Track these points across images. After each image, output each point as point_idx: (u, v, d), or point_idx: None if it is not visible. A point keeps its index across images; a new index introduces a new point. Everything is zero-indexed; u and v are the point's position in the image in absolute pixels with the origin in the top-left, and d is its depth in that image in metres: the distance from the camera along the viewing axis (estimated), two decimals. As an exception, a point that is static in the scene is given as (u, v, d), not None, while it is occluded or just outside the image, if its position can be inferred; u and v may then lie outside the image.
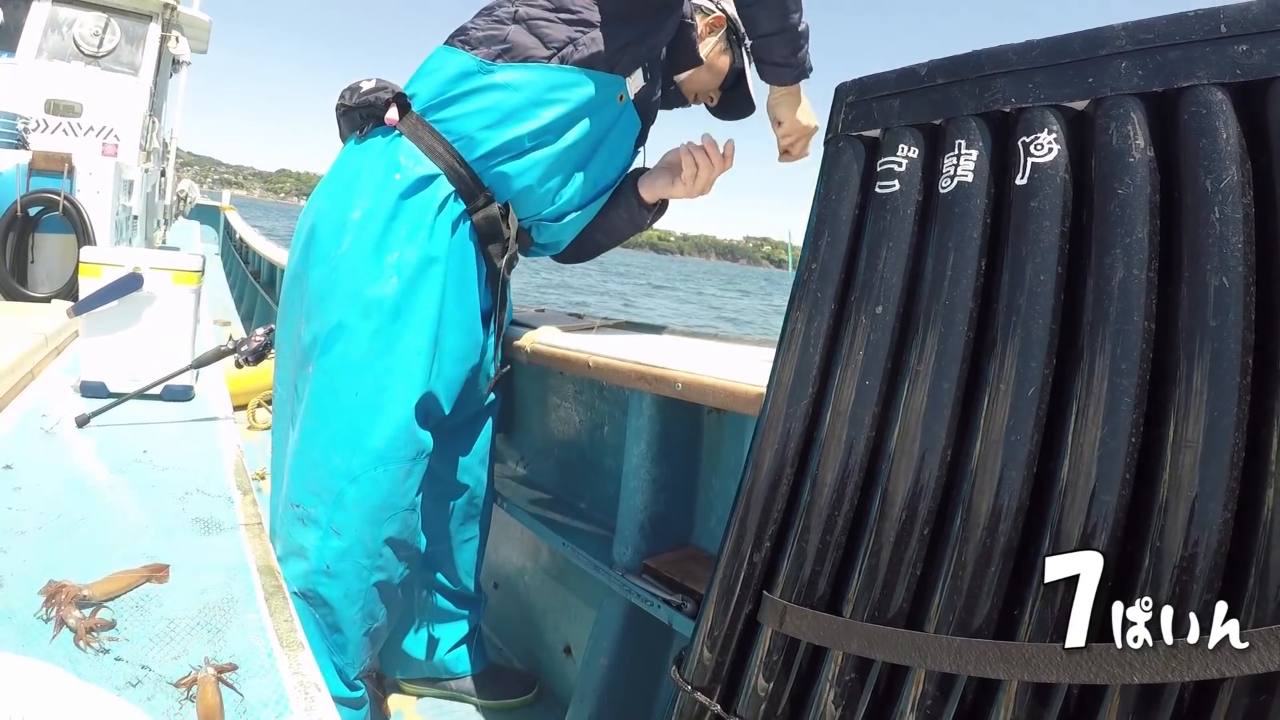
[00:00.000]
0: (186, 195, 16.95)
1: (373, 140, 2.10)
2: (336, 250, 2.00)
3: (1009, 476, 1.04)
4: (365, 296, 1.97)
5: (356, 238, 1.99)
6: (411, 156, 2.04)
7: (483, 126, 2.04)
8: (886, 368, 1.21)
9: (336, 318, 1.98)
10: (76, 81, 7.34)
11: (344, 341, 1.98)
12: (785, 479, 1.29)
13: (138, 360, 2.29)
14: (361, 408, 1.98)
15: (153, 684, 1.00)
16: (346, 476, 1.97)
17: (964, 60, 1.20)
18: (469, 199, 2.08)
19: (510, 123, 2.04)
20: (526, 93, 2.03)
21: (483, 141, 2.05)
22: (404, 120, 2.08)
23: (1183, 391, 0.93)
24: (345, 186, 2.08)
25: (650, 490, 2.21)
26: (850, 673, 1.17)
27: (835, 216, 1.31)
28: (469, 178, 2.07)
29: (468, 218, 2.10)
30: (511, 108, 2.04)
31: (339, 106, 2.16)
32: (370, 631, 2.10)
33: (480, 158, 2.06)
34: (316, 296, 2.03)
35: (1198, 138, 0.97)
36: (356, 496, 1.98)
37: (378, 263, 1.98)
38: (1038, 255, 1.07)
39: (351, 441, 1.98)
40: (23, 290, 4.93)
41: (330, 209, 2.08)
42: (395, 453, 2.00)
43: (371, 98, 2.09)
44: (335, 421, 1.99)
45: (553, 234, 2.30)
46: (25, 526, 1.40)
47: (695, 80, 2.46)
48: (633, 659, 2.23)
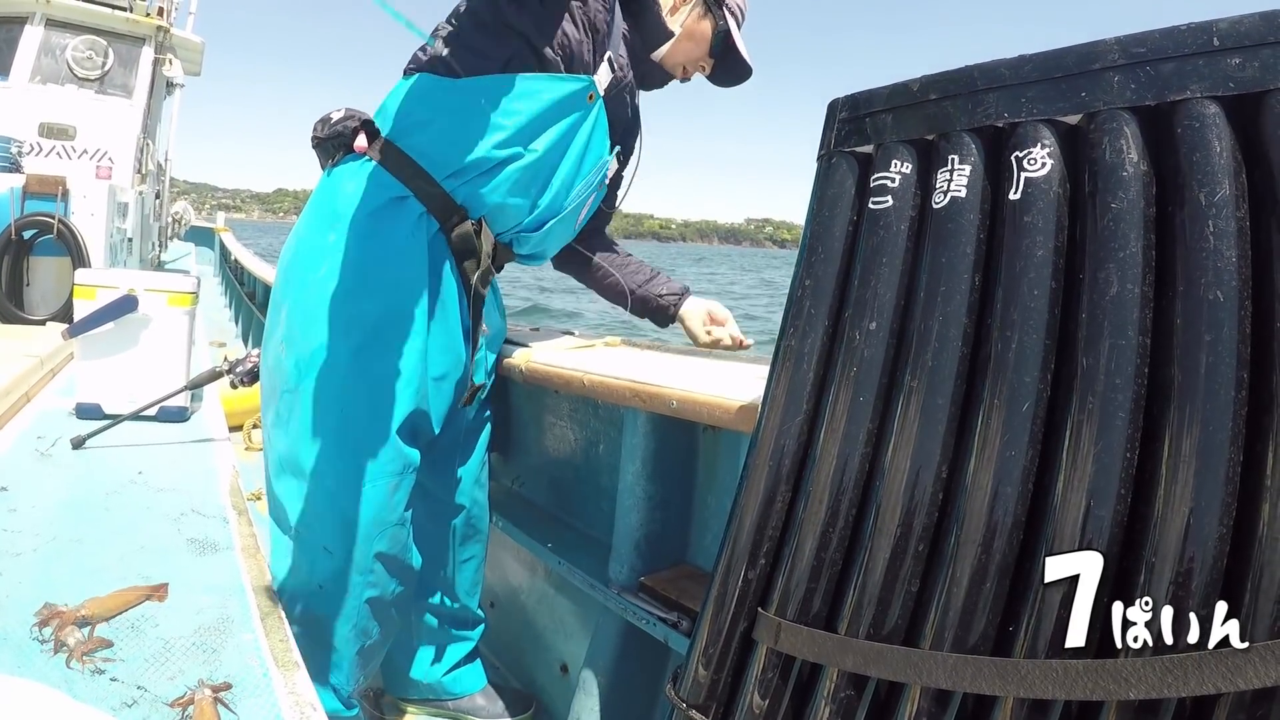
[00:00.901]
0: (181, 217, 16.98)
1: (343, 167, 2.12)
2: (315, 275, 2.02)
3: (1004, 492, 1.04)
4: (344, 317, 1.99)
5: (333, 261, 2.01)
6: (381, 180, 2.05)
7: (449, 145, 2.05)
8: (881, 384, 1.21)
9: (318, 340, 1.99)
10: (70, 104, 7.36)
11: (326, 362, 1.98)
12: (780, 496, 1.29)
13: (133, 382, 2.29)
14: (345, 426, 1.98)
15: (149, 704, 1.00)
16: (334, 494, 1.98)
17: (957, 75, 1.21)
18: (442, 218, 2.09)
19: (476, 139, 2.04)
20: (487, 105, 2.03)
21: (450, 159, 2.06)
22: (373, 146, 2.10)
23: (1178, 407, 0.93)
24: (319, 213, 2.11)
25: (646, 508, 2.20)
26: (846, 690, 1.17)
27: (828, 233, 1.31)
28: (440, 196, 2.07)
29: (442, 236, 2.10)
30: (474, 122, 2.04)
31: (312, 139, 2.20)
32: (364, 649, 2.10)
33: (450, 176, 2.07)
34: (297, 321, 2.04)
35: (1191, 151, 0.97)
36: (346, 514, 1.98)
37: (355, 284, 1.99)
38: (1031, 270, 1.08)
39: (337, 460, 1.98)
40: (18, 313, 4.93)
41: (306, 235, 2.10)
42: (382, 468, 2.01)
43: (341, 127, 2.14)
44: (321, 441, 1.99)
45: (535, 244, 2.29)
46: (21, 548, 1.40)
47: (680, 52, 2.41)
48: (629, 677, 2.22)
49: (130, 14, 7.96)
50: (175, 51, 8.95)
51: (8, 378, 2.41)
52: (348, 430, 1.98)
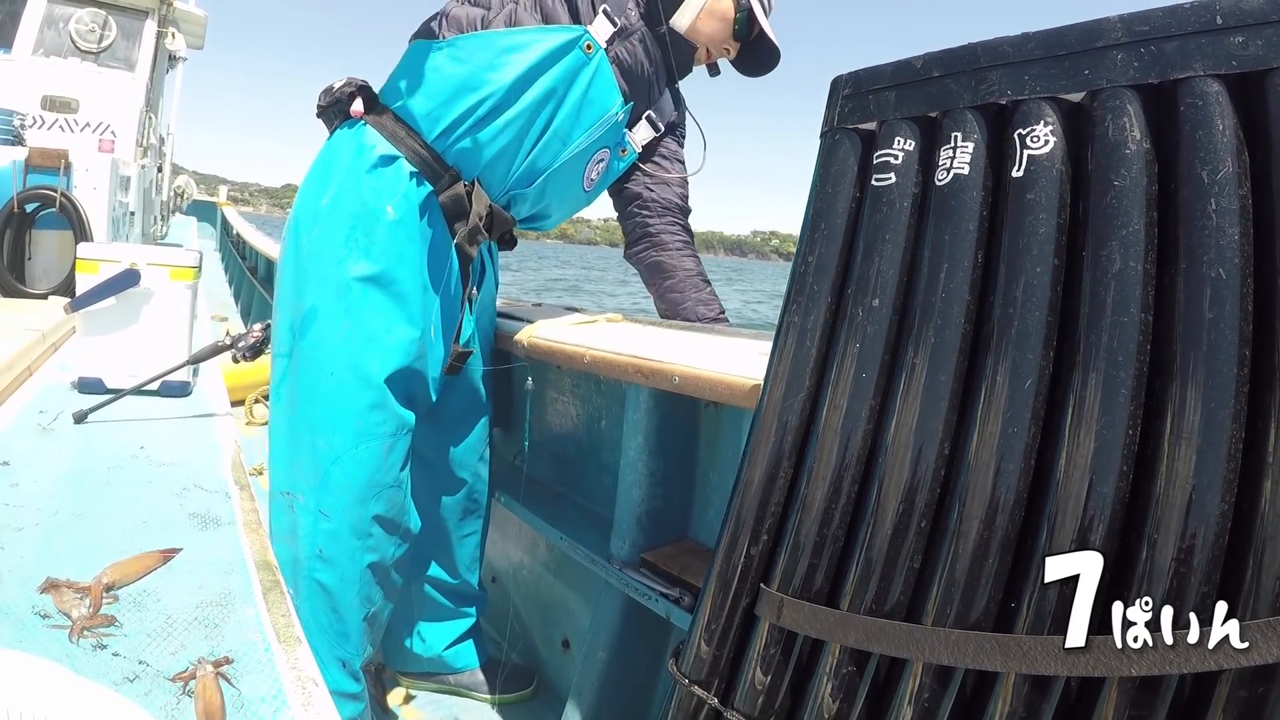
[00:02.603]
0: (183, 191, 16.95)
1: (339, 132, 2.15)
2: (308, 238, 2.05)
3: (1006, 469, 1.04)
4: (335, 279, 2.01)
5: (325, 224, 2.04)
6: (374, 142, 2.07)
7: (439, 103, 2.07)
8: (883, 361, 1.21)
9: (310, 302, 2.02)
10: (73, 78, 7.32)
11: (318, 324, 2.01)
12: (782, 472, 1.29)
13: (135, 356, 2.29)
14: (338, 387, 2.01)
15: (150, 679, 1.00)
16: (329, 457, 2.00)
17: (960, 53, 1.20)
18: (433, 179, 2.10)
19: (465, 93, 2.06)
20: (478, 59, 2.05)
21: (440, 118, 2.07)
22: (369, 111, 2.13)
23: (1180, 383, 0.93)
24: (315, 178, 2.13)
25: (648, 484, 2.21)
26: (848, 665, 1.17)
27: (831, 210, 1.31)
28: (431, 158, 2.09)
29: (434, 198, 2.11)
30: (464, 78, 2.06)
31: (317, 108, 2.21)
32: (369, 616, 2.11)
33: (440, 135, 2.08)
34: (292, 284, 2.08)
35: (1194, 130, 0.97)
36: (341, 477, 2.00)
37: (346, 246, 2.02)
38: (1034, 247, 1.07)
39: (331, 422, 2.01)
40: (20, 287, 4.92)
41: (304, 200, 2.13)
42: (375, 429, 2.03)
43: (339, 94, 2.15)
44: (315, 404, 2.02)
45: (533, 203, 2.29)
46: (23, 523, 1.40)
47: (703, 31, 2.36)
48: (631, 653, 2.23)
49: (133, -14, 7.94)
50: (178, 25, 8.93)
51: (9, 352, 2.41)
52: (339, 392, 2.01)
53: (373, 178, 2.05)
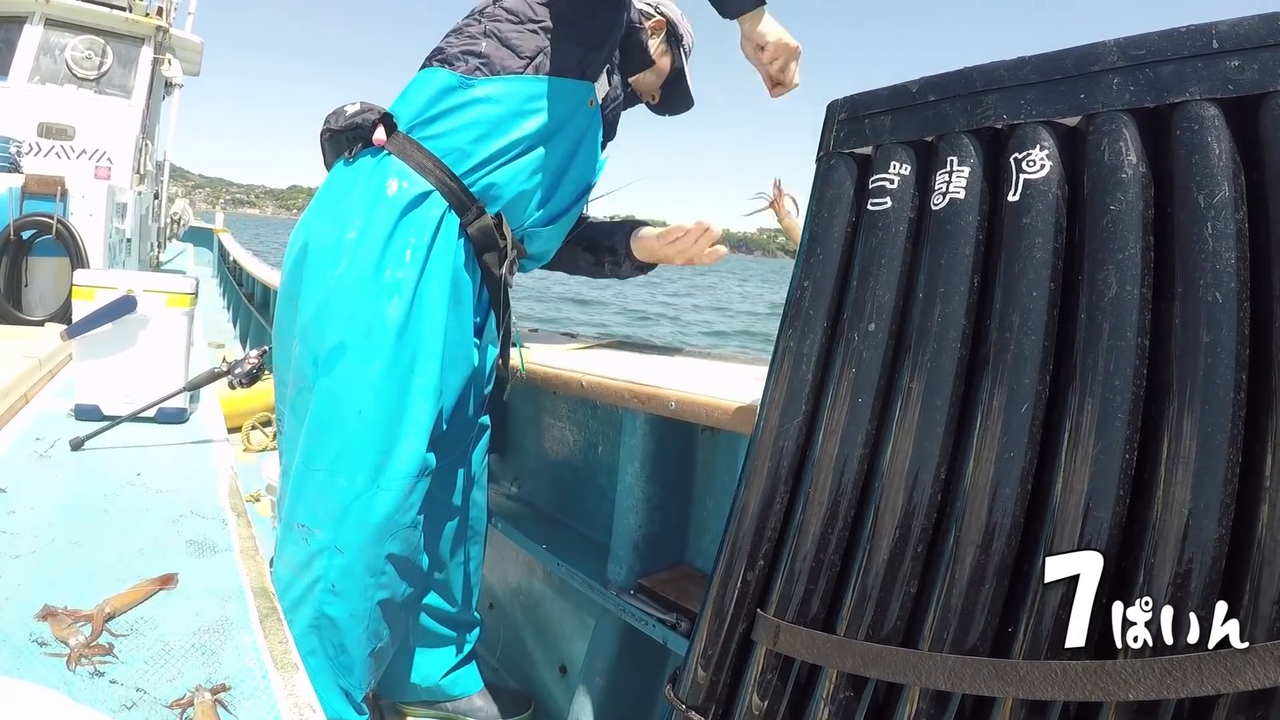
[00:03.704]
0: (180, 218, 16.96)
1: (362, 161, 2.11)
2: (334, 271, 2.00)
3: (1003, 493, 1.04)
4: (367, 316, 1.97)
5: (354, 258, 1.99)
6: (403, 174, 2.04)
7: (470, 140, 2.06)
8: (879, 385, 1.21)
9: (338, 337, 1.98)
10: (69, 104, 7.34)
11: (346, 361, 1.97)
12: (779, 497, 1.29)
13: (132, 383, 2.29)
14: (365, 426, 1.97)
15: (148, 706, 0.99)
16: (350, 494, 1.97)
17: (956, 77, 1.21)
18: (461, 212, 2.09)
19: (495, 135, 2.07)
20: (507, 104, 2.06)
21: (471, 154, 2.07)
22: (391, 139, 2.09)
23: (1177, 407, 0.93)
24: (337, 207, 2.08)
25: (644, 509, 2.20)
26: (845, 691, 1.17)
27: (827, 234, 1.32)
28: (460, 191, 2.07)
29: (463, 231, 2.09)
30: (495, 120, 2.06)
31: (324, 132, 2.17)
32: (375, 651, 2.09)
33: (469, 170, 2.07)
34: (315, 318, 2.02)
35: (1190, 153, 0.97)
36: (359, 515, 1.97)
37: (378, 282, 1.98)
38: (1030, 271, 1.08)
39: (355, 460, 1.97)
40: (16, 314, 4.93)
41: (324, 230, 2.08)
42: (399, 470, 1.99)
43: (359, 119, 2.10)
44: (338, 440, 1.98)
45: (543, 242, 2.31)
46: (19, 550, 1.39)
47: (642, 81, 2.54)
48: (628, 678, 2.22)
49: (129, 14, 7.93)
50: (174, 51, 8.93)
51: (6, 379, 2.40)
52: (365, 431, 1.97)
53: (406, 211, 2.03)
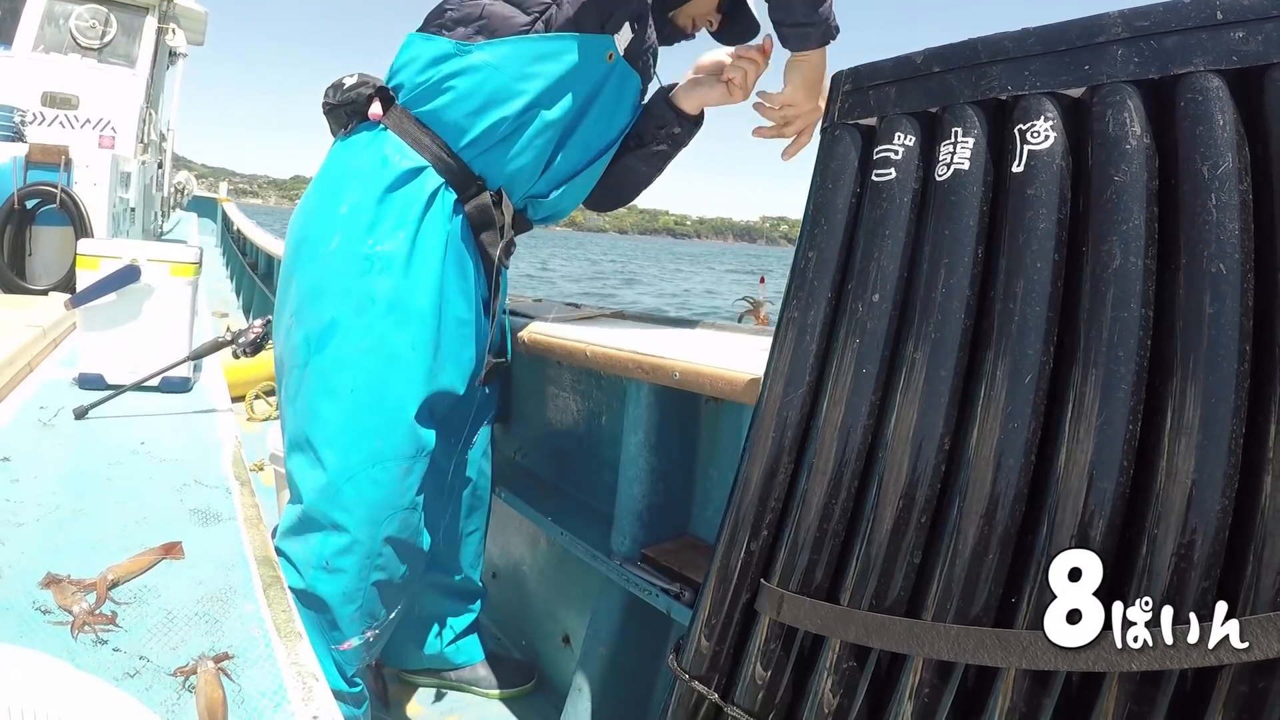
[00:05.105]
0: (184, 187, 16.93)
1: (357, 136, 2.07)
2: (327, 247, 1.97)
3: (1006, 464, 1.04)
4: (358, 293, 1.94)
5: (346, 234, 1.96)
6: (397, 150, 2.00)
7: (468, 113, 1.99)
8: (883, 356, 1.21)
9: (329, 315, 1.95)
10: (73, 74, 7.31)
11: (338, 339, 1.95)
12: (783, 467, 1.29)
13: (135, 352, 2.29)
14: (357, 405, 1.95)
15: (151, 674, 1.00)
16: (344, 474, 1.94)
17: (960, 48, 1.20)
18: (460, 188, 2.04)
19: (495, 105, 1.98)
20: (509, 70, 1.96)
21: (469, 128, 2.00)
22: (388, 114, 2.05)
23: (1180, 379, 0.93)
24: (332, 183, 2.05)
25: (648, 479, 2.21)
26: (848, 661, 1.17)
27: (831, 205, 1.31)
28: (458, 167, 2.02)
29: (460, 208, 2.05)
30: (495, 88, 1.97)
31: (324, 105, 2.12)
32: (369, 629, 2.08)
33: (468, 145, 2.01)
34: (308, 294, 2.00)
35: (1194, 124, 0.97)
36: (354, 495, 1.95)
37: (369, 259, 1.95)
38: (1034, 243, 1.07)
39: (348, 440, 1.95)
40: (20, 283, 4.93)
41: (318, 206, 2.05)
42: (394, 451, 1.97)
43: (354, 94, 2.06)
44: (331, 419, 1.96)
45: (549, 207, 2.24)
46: (24, 518, 1.40)
47: (691, 6, 2.28)
48: (631, 648, 2.23)
49: (133, -17, 7.92)
50: (179, 21, 8.89)
51: (10, 348, 2.41)
52: (358, 410, 1.95)
53: (397, 187, 1.98)
